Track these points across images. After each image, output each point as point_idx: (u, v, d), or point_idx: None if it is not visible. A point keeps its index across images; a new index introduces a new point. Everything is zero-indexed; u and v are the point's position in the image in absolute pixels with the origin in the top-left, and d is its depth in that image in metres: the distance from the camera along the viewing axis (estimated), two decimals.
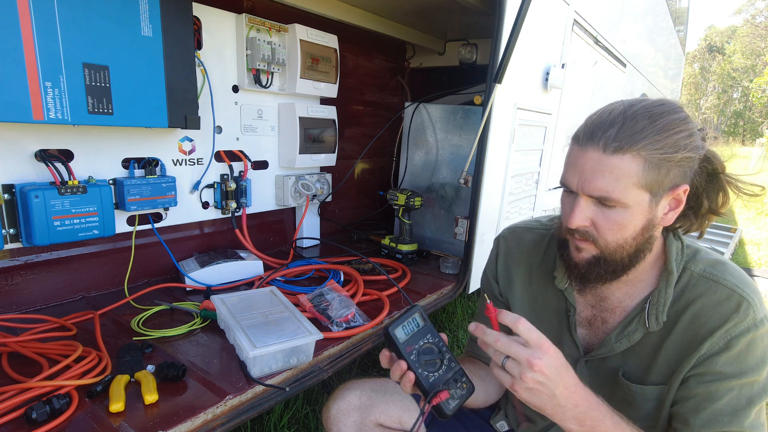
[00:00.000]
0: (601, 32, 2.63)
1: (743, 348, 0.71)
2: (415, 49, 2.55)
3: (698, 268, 0.77)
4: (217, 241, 1.68)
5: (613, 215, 0.72)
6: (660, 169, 0.69)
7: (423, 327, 0.71)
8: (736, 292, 0.73)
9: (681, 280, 0.78)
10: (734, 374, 0.71)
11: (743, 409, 0.71)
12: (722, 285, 0.74)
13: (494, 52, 1.56)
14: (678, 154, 0.69)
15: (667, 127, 0.69)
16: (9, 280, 1.19)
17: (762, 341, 0.71)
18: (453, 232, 1.89)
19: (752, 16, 34.27)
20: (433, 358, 0.69)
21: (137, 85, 1.13)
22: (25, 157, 1.10)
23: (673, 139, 0.69)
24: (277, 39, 1.58)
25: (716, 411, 0.72)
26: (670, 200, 0.73)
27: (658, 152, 0.68)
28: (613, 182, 0.69)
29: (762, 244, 4.46)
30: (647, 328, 0.79)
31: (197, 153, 1.47)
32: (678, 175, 0.71)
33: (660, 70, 4.97)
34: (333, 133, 1.83)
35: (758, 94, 23.92)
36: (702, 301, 0.75)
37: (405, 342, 0.68)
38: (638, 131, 0.68)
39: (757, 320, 0.71)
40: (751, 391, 0.71)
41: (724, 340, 0.72)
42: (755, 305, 0.72)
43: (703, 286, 0.76)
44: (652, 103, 0.72)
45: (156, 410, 0.85)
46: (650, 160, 0.68)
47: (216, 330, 1.18)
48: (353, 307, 1.24)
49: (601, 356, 0.85)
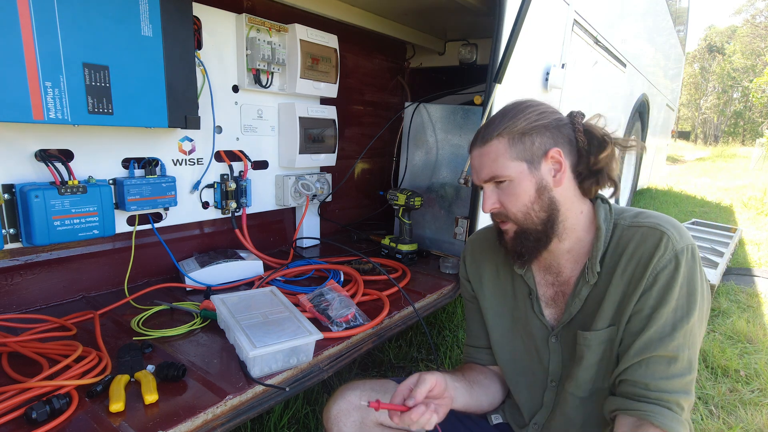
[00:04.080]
0: (601, 32, 2.63)
1: (668, 279, 0.80)
2: (415, 49, 2.55)
3: (626, 221, 0.89)
4: (217, 241, 1.68)
5: (508, 189, 0.88)
6: (524, 141, 0.86)
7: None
8: (657, 228, 0.83)
9: (614, 235, 0.89)
10: (661, 304, 0.80)
11: (669, 334, 0.79)
12: (645, 226, 0.86)
13: (494, 52, 1.56)
14: (531, 126, 0.86)
15: (516, 113, 0.88)
16: (9, 280, 1.19)
17: (682, 270, 0.80)
18: (453, 232, 1.89)
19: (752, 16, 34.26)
20: None
21: (137, 85, 1.13)
22: (25, 157, 1.10)
23: (524, 118, 0.87)
24: (277, 39, 1.58)
25: (646, 339, 0.80)
26: (551, 163, 0.88)
27: (515, 130, 0.86)
28: (492, 163, 0.88)
29: (762, 244, 4.46)
30: (588, 282, 0.89)
31: (197, 153, 1.47)
32: (544, 142, 0.87)
33: (660, 70, 4.97)
34: (333, 133, 1.83)
35: (758, 94, 23.92)
36: (632, 245, 0.85)
37: None
38: (496, 123, 0.89)
39: (677, 251, 0.80)
40: (674, 317, 0.79)
41: (653, 275, 0.81)
42: (674, 238, 0.81)
43: (631, 233, 0.87)
44: (507, 104, 0.92)
45: (156, 410, 0.85)
46: (512, 137, 0.87)
47: (216, 330, 1.18)
48: (353, 307, 1.24)
49: (564, 323, 0.93)
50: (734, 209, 6.71)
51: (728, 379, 2.01)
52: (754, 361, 2.15)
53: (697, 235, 4.14)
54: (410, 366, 1.94)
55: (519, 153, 0.86)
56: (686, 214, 5.80)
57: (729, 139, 33.10)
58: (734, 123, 34.74)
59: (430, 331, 2.24)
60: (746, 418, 1.72)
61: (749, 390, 1.92)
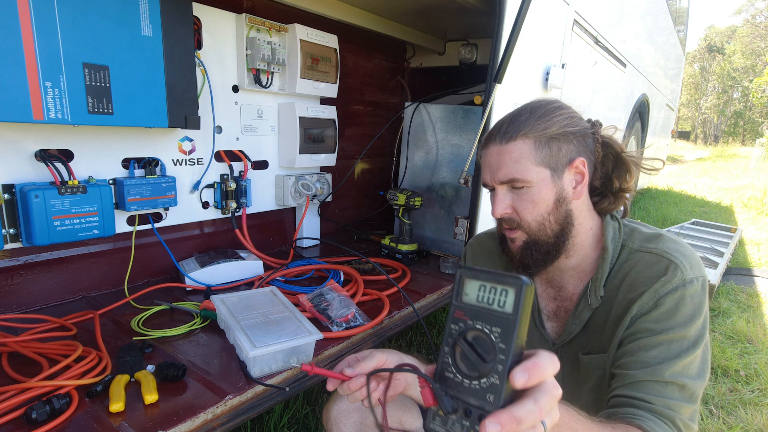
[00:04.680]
0: (601, 32, 2.63)
1: (671, 306, 0.75)
2: (415, 49, 2.55)
3: (635, 244, 0.84)
4: (217, 241, 1.68)
5: (525, 195, 0.81)
6: (551, 147, 0.80)
7: (505, 315, 0.45)
8: (665, 257, 0.78)
9: (620, 257, 0.84)
10: (663, 330, 0.75)
11: (669, 360, 0.73)
12: (653, 254, 0.80)
13: (494, 52, 1.56)
14: (560, 131, 0.80)
15: (545, 114, 0.82)
16: (9, 280, 1.19)
17: (691, 299, 0.75)
18: (453, 232, 1.89)
19: (752, 16, 34.26)
20: (478, 359, 0.45)
21: (137, 85, 1.13)
22: (25, 157, 1.10)
23: (553, 121, 0.81)
24: (277, 39, 1.58)
25: (643, 361, 0.75)
26: (573, 174, 0.83)
27: (543, 132, 0.80)
28: (513, 165, 0.80)
29: (762, 244, 4.46)
30: (590, 305, 0.85)
31: (197, 153, 1.47)
32: (570, 150, 0.81)
33: (660, 70, 4.97)
34: (333, 133, 1.83)
35: (758, 94, 23.93)
36: (635, 270, 0.81)
37: (468, 305, 0.48)
38: (522, 121, 0.81)
39: (686, 280, 0.75)
40: (680, 347, 0.74)
41: (653, 300, 0.76)
42: (684, 267, 0.76)
43: (637, 258, 0.82)
44: (533, 101, 0.85)
45: (156, 410, 0.85)
46: (539, 140, 0.80)
47: (216, 330, 1.18)
48: (353, 307, 1.24)
49: (564, 341, 0.90)
50: (734, 209, 6.71)
51: (728, 379, 2.01)
52: (754, 361, 2.15)
53: (697, 235, 4.14)
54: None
55: (544, 158, 0.80)
56: (686, 214, 5.80)
57: (729, 139, 33.12)
58: (734, 123, 34.74)
59: (430, 331, 2.24)
60: (746, 418, 1.72)
61: (749, 390, 1.92)
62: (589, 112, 2.85)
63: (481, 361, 0.45)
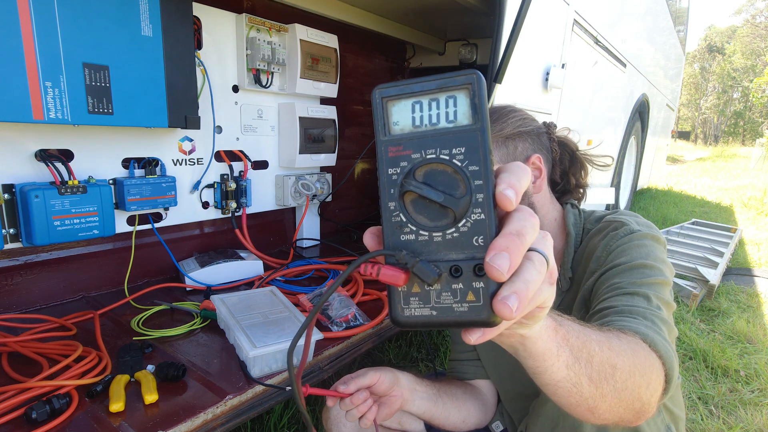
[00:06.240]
0: (601, 32, 2.63)
1: (624, 247, 0.77)
2: (415, 49, 2.55)
3: (592, 224, 0.89)
4: (217, 241, 1.68)
5: None
6: (507, 146, 0.87)
7: (462, 129, 0.34)
8: (615, 221, 0.83)
9: (583, 241, 0.88)
10: (623, 262, 0.76)
11: (632, 279, 0.73)
12: (605, 221, 0.86)
13: (494, 52, 1.56)
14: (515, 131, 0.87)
15: (500, 117, 0.89)
16: (9, 280, 1.19)
17: (642, 243, 0.77)
18: None
19: (752, 16, 34.27)
20: (447, 199, 0.34)
21: (137, 85, 1.13)
22: (25, 157, 1.10)
23: (507, 123, 0.88)
24: (277, 39, 1.58)
25: (606, 288, 0.75)
26: (532, 169, 0.87)
27: (499, 133, 0.87)
28: None
29: (762, 244, 4.46)
30: (561, 289, 0.89)
31: (197, 153, 1.47)
32: (526, 148, 0.88)
33: (660, 70, 4.97)
34: (333, 133, 1.83)
35: (758, 94, 23.93)
36: (593, 242, 0.85)
37: (403, 136, 0.36)
38: None
39: (633, 230, 0.78)
40: (641, 273, 0.73)
41: (606, 252, 0.80)
42: (630, 223, 0.80)
43: (594, 232, 0.87)
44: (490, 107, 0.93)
45: (156, 410, 0.85)
46: (495, 140, 0.87)
47: (216, 330, 1.18)
48: (353, 307, 1.24)
49: None
50: (734, 209, 6.71)
51: (728, 379, 2.01)
52: (754, 361, 2.15)
53: (697, 235, 4.15)
54: (410, 366, 1.94)
55: (502, 157, 0.87)
56: (686, 214, 5.80)
57: (729, 139, 33.12)
58: (734, 123, 34.75)
59: (430, 330, 2.24)
60: (746, 418, 1.72)
61: (749, 390, 1.92)
62: (589, 112, 2.85)
63: (451, 198, 0.33)
